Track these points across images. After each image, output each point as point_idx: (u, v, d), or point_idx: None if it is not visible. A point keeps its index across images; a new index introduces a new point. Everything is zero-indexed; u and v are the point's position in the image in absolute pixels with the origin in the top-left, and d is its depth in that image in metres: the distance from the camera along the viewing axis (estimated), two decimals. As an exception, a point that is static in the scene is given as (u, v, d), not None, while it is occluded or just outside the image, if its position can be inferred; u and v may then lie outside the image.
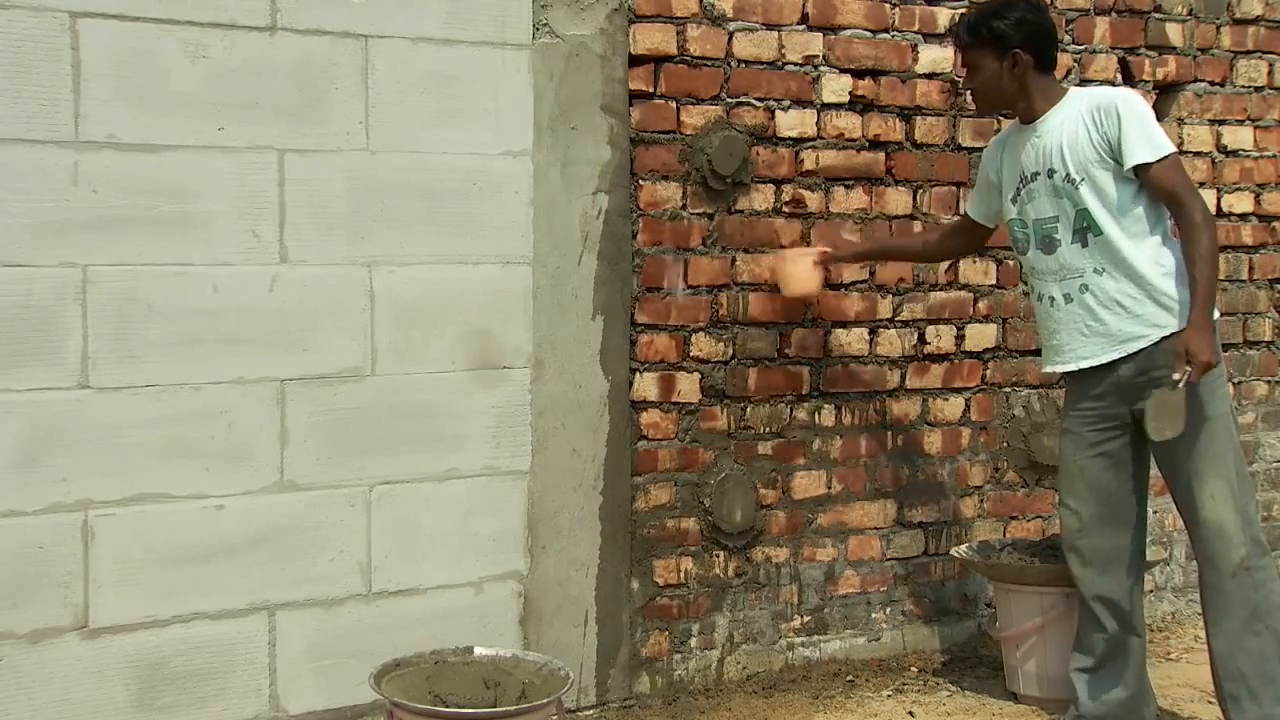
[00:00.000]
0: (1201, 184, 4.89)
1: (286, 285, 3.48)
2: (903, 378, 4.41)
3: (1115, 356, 3.52)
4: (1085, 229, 3.51)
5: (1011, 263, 4.56)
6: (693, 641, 4.11)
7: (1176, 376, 3.34)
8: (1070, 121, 3.53)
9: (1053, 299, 3.62)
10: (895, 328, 4.39)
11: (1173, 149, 3.46)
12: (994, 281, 4.56)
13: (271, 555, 3.49)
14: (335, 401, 3.56)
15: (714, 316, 4.09)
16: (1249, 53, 5.00)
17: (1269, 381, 5.09)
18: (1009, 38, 3.56)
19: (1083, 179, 3.50)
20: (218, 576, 3.43)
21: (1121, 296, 3.49)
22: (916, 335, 4.43)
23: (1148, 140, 3.43)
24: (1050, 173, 3.56)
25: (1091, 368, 3.58)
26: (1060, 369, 3.66)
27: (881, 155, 4.33)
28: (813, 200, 4.23)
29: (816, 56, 4.21)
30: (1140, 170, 3.44)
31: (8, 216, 3.16)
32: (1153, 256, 3.48)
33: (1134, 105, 3.48)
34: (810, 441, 4.27)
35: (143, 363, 3.32)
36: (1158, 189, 3.45)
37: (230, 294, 3.42)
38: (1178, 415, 3.34)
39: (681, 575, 4.08)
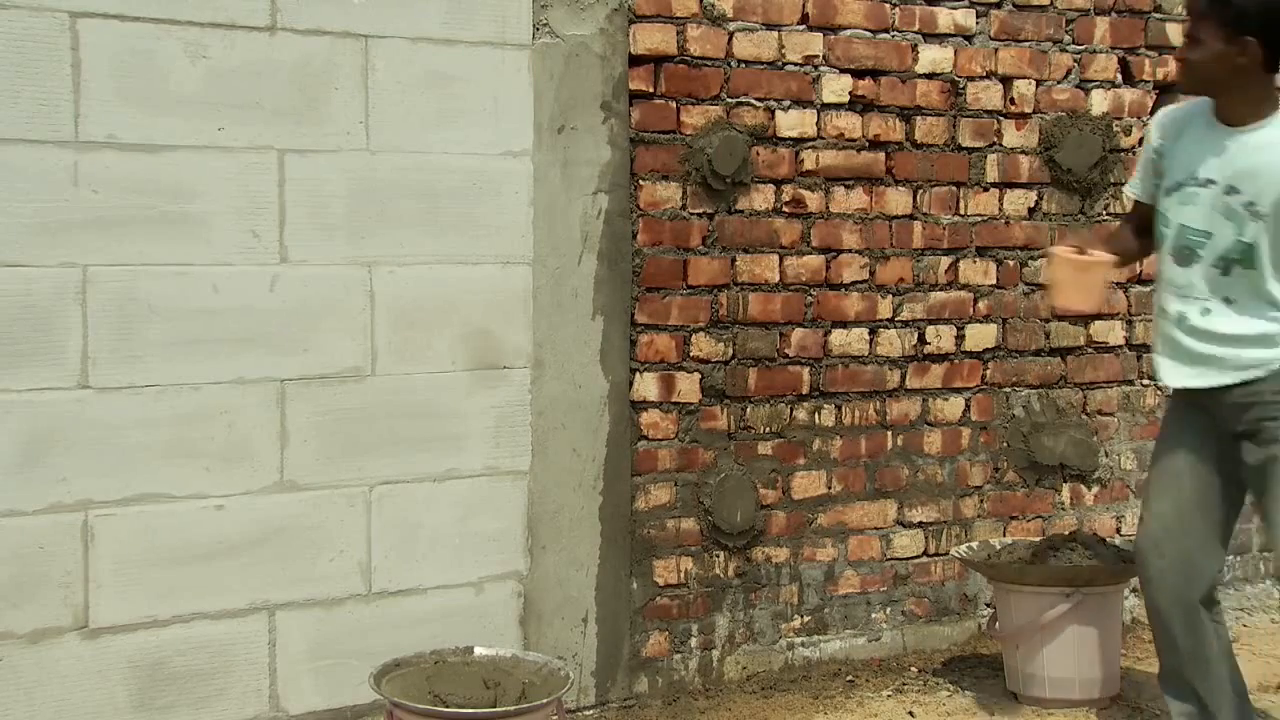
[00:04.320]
0: (1201, 184, 4.89)
1: (286, 285, 3.48)
2: (903, 378, 4.41)
3: (1232, 382, 3.29)
4: (1236, 261, 3.24)
5: (1012, 262, 4.57)
6: (693, 641, 4.11)
7: None
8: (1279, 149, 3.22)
9: (1163, 310, 3.38)
10: (895, 328, 4.39)
11: None
12: (994, 281, 4.55)
13: (271, 555, 3.49)
14: (335, 401, 3.56)
15: (714, 316, 4.10)
16: (1249, 53, 5.00)
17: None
18: (1247, 21, 3.15)
19: (1266, 214, 3.20)
20: (218, 576, 3.43)
21: (1246, 329, 3.26)
22: (916, 335, 4.43)
23: None
24: (1230, 190, 3.24)
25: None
26: (1178, 384, 3.43)
27: (881, 155, 4.33)
28: (813, 200, 4.23)
29: (816, 56, 4.21)
30: None
31: (8, 216, 3.16)
32: None
33: None
34: (810, 441, 4.27)
35: (143, 363, 3.32)
36: None
37: (230, 294, 3.42)
38: None
39: (681, 575, 4.08)
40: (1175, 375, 3.41)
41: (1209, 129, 3.32)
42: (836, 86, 4.24)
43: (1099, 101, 4.67)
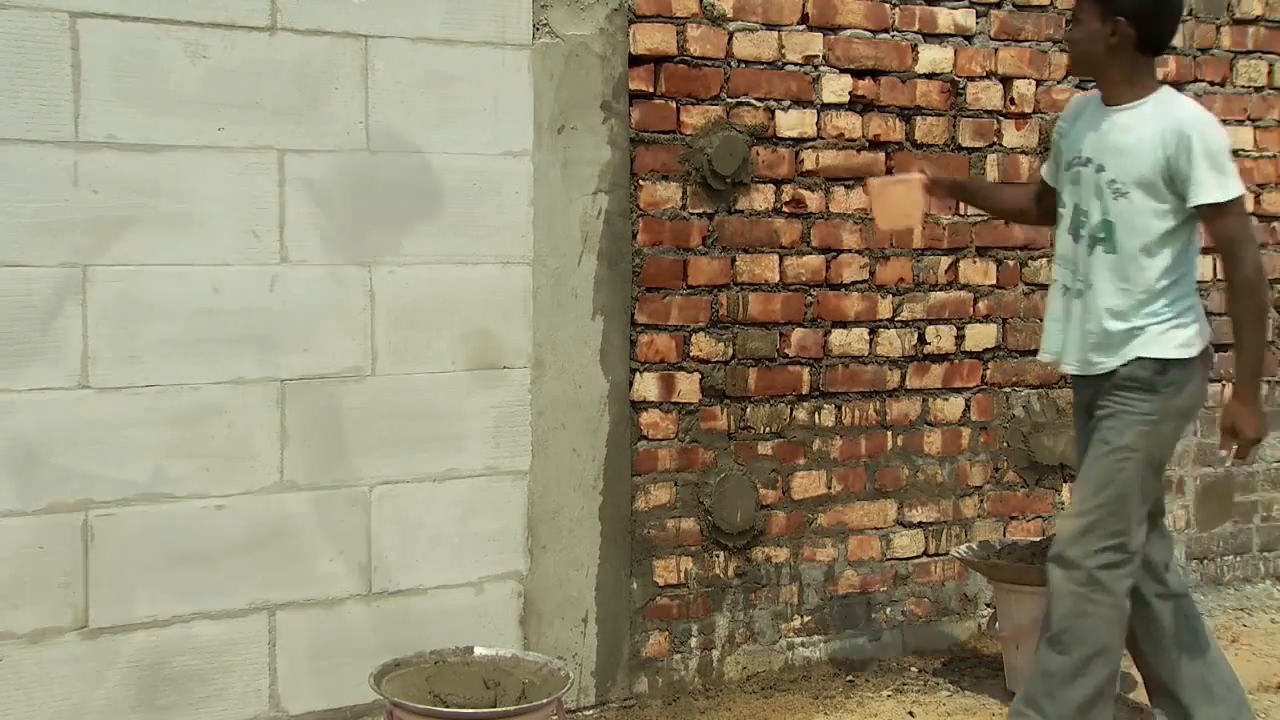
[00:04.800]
0: (1201, 184, 4.90)
1: (286, 285, 3.48)
2: (903, 378, 4.41)
3: (1079, 372, 3.39)
4: (1101, 240, 3.31)
5: (1012, 262, 4.57)
6: (693, 641, 4.11)
7: (1223, 453, 3.24)
8: (1146, 128, 3.26)
9: (1065, 288, 3.43)
10: (895, 328, 4.39)
11: (1241, 191, 3.24)
12: (994, 281, 4.56)
13: (271, 555, 3.49)
14: (335, 401, 3.55)
15: (714, 316, 4.10)
16: (1249, 53, 5.01)
17: (1269, 381, 5.09)
18: (1118, 2, 3.24)
19: (1127, 193, 3.27)
20: (218, 576, 3.43)
21: (1099, 323, 3.31)
22: (916, 335, 4.43)
23: (1218, 182, 3.20)
24: (1100, 169, 3.32)
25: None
26: (1046, 358, 3.54)
27: (881, 155, 4.33)
28: (813, 200, 4.23)
29: (816, 56, 4.21)
30: (1202, 210, 3.22)
31: (8, 216, 3.16)
32: (1152, 296, 3.27)
33: (1210, 140, 3.21)
34: (810, 441, 4.27)
35: (143, 363, 3.32)
36: (1215, 232, 3.26)
37: (230, 294, 3.42)
38: (1227, 502, 3.20)
39: (681, 575, 4.08)
40: (1048, 344, 3.50)
41: (1096, 110, 3.42)
42: (836, 86, 4.24)
43: (1099, 101, 4.67)
